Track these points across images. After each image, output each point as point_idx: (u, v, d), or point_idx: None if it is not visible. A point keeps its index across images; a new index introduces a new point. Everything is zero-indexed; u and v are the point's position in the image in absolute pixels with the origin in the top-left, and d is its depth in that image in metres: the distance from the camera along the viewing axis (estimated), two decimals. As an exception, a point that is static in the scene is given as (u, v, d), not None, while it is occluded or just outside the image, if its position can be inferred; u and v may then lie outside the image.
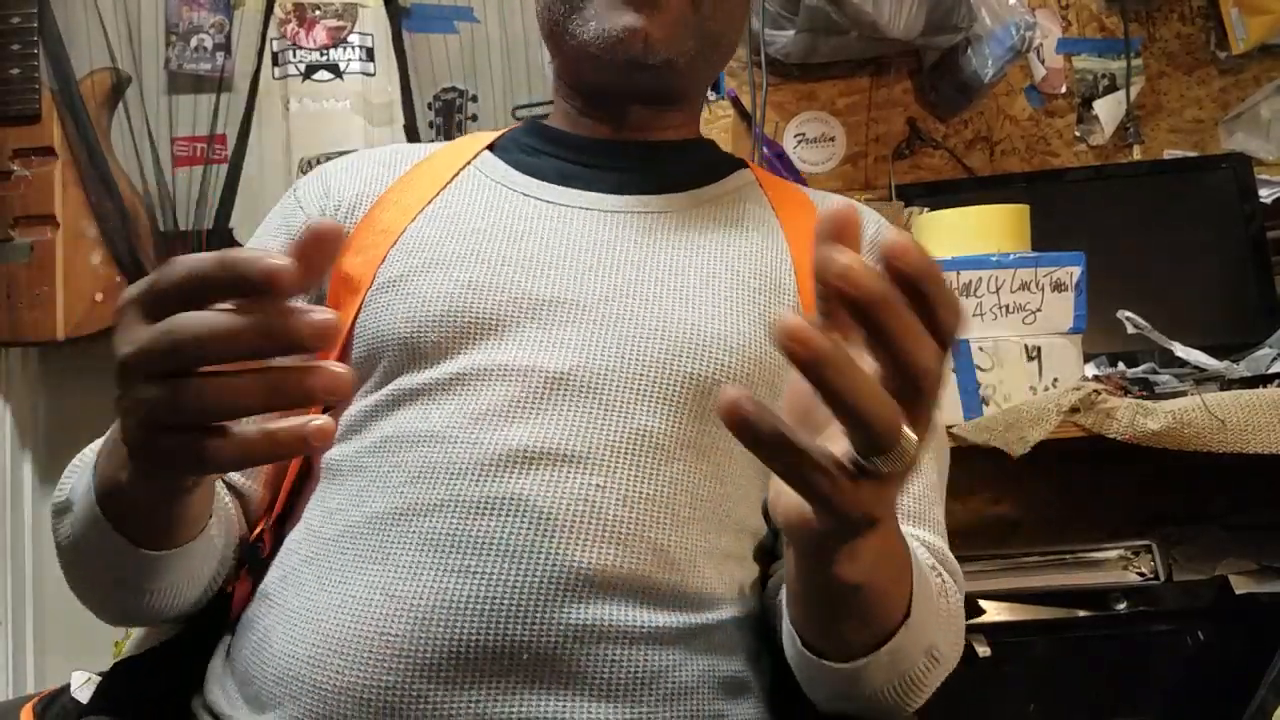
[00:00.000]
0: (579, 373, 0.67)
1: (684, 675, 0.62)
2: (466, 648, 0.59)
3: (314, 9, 1.73)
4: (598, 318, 0.69)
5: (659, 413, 0.67)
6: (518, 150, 0.82)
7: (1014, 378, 1.22)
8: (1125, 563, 1.33)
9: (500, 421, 0.65)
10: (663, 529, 0.64)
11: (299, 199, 0.80)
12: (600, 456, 0.64)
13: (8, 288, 1.61)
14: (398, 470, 0.65)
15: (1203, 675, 1.30)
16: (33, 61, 1.61)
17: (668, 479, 0.65)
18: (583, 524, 0.62)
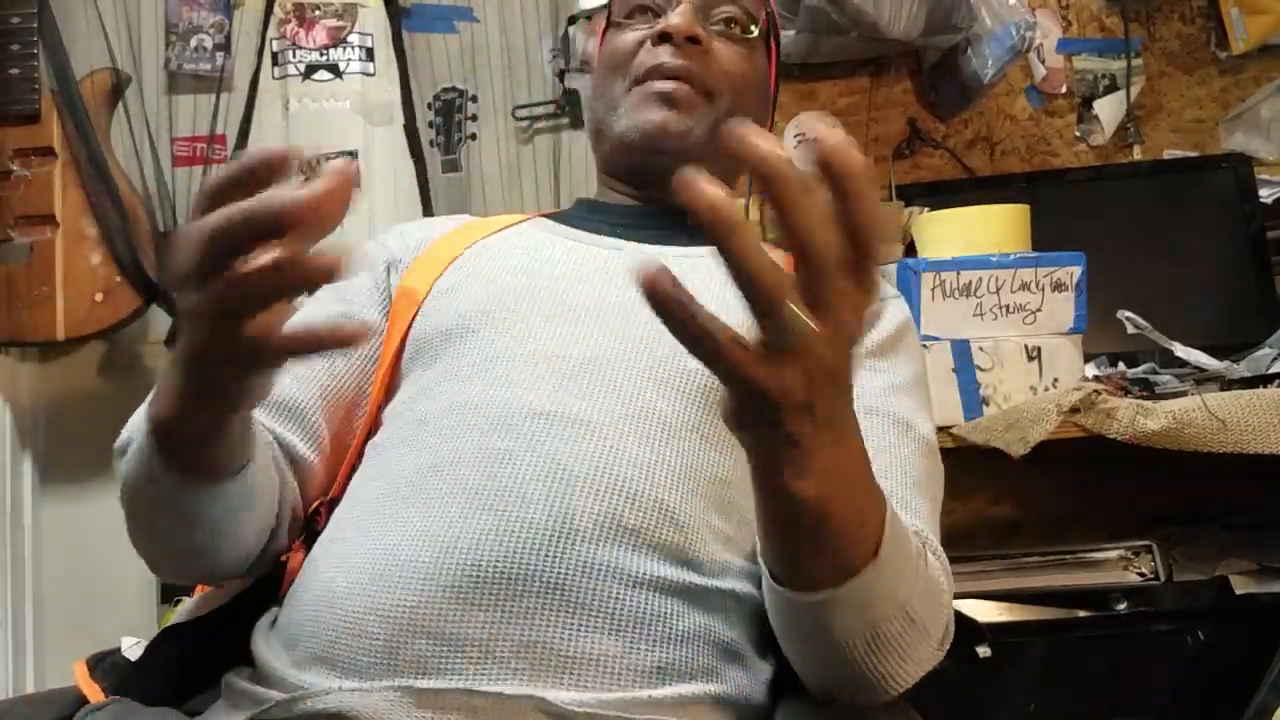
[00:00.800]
0: (599, 359, 0.76)
1: (682, 625, 0.67)
2: (484, 571, 0.65)
3: (314, 9, 1.73)
4: (618, 321, 0.79)
5: (667, 397, 0.75)
6: (569, 217, 0.96)
7: (1014, 378, 1.22)
8: (1125, 563, 1.33)
9: (530, 391, 0.74)
10: (670, 493, 0.70)
11: (381, 239, 0.95)
12: (613, 424, 0.72)
13: (8, 288, 1.61)
14: (434, 434, 0.74)
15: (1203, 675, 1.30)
16: (33, 61, 1.61)
17: (674, 452, 0.72)
18: (596, 478, 0.69)
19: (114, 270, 1.62)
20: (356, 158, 1.76)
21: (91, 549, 1.74)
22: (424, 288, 0.85)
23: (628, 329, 0.78)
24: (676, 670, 0.66)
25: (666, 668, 0.65)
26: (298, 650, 0.68)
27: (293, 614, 0.71)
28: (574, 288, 0.82)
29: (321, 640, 0.66)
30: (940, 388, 1.19)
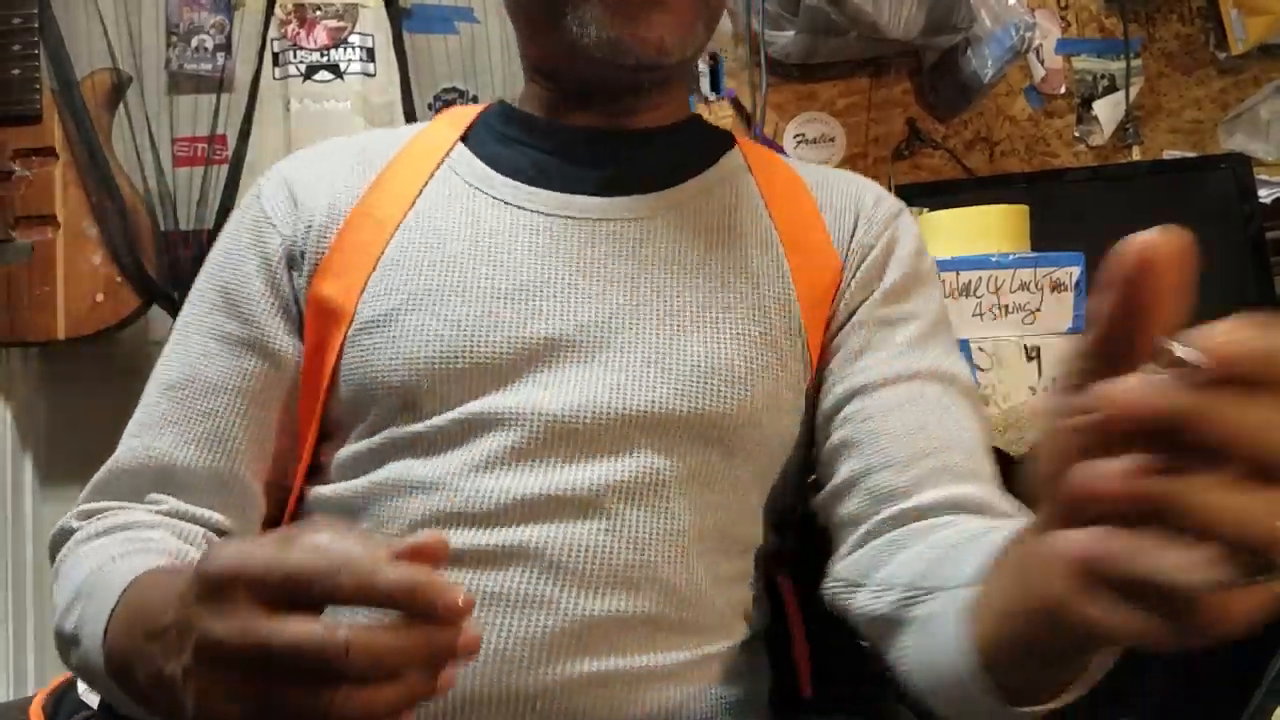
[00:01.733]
0: (579, 415, 0.64)
1: (696, 708, 0.62)
2: (474, 700, 0.59)
3: (314, 9, 1.73)
4: (593, 355, 0.66)
5: (661, 450, 0.65)
6: (492, 140, 0.75)
7: (1014, 378, 1.22)
8: (1125, 562, 1.33)
9: (502, 470, 0.63)
10: (672, 566, 0.64)
11: (268, 213, 0.73)
12: (606, 500, 0.63)
13: (8, 288, 1.61)
14: (398, 517, 0.64)
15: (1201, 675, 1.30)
16: (33, 62, 1.61)
17: (675, 515, 0.65)
18: (592, 572, 0.62)
19: (115, 270, 1.63)
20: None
21: (92, 549, 1.74)
22: (347, 306, 0.68)
23: (607, 362, 0.66)
24: None
25: None
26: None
27: None
28: (536, 306, 0.67)
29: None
30: (940, 388, 1.19)
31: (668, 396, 0.65)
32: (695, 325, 0.68)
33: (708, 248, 0.71)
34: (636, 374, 0.66)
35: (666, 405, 0.65)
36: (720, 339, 0.68)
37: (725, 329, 0.68)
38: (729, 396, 0.66)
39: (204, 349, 0.70)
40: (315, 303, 0.69)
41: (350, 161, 0.74)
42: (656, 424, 0.65)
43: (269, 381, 0.70)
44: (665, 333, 0.67)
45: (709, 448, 0.66)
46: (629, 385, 0.65)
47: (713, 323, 0.68)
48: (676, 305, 0.68)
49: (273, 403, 0.70)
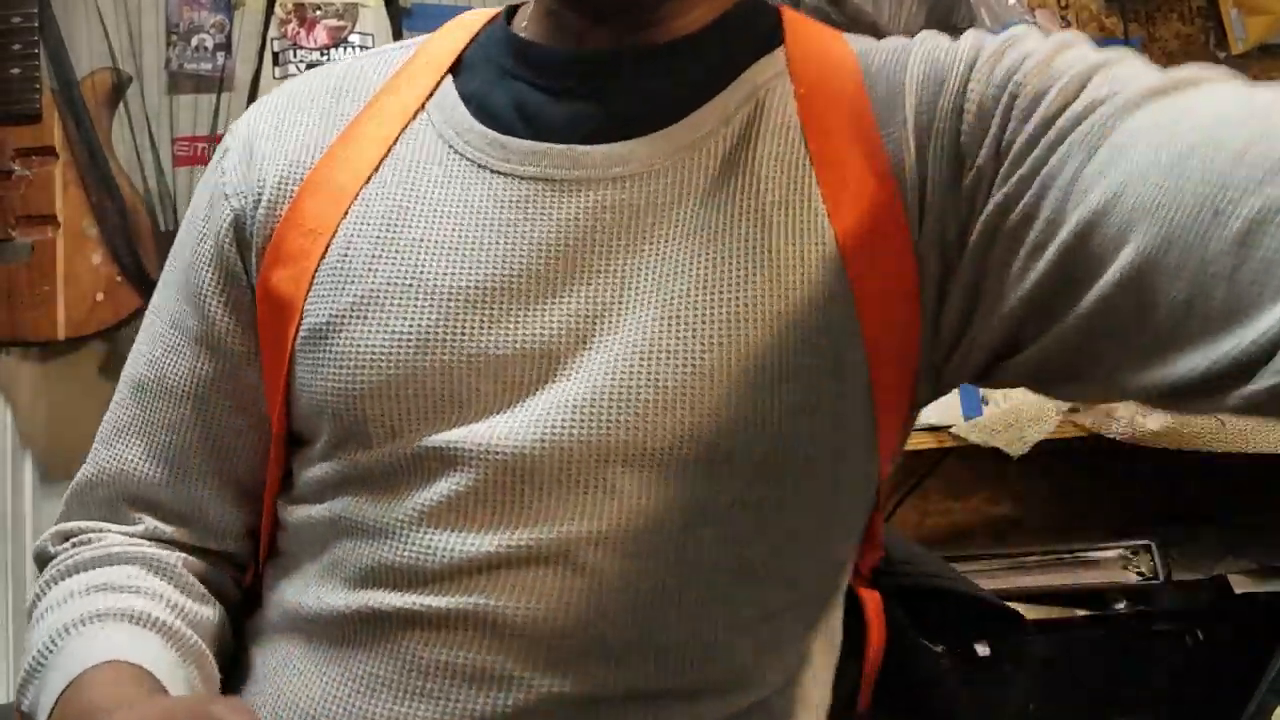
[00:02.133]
0: (544, 451, 0.51)
1: None
2: None
3: (314, 9, 1.73)
4: (568, 369, 0.52)
5: (654, 485, 0.51)
6: (487, 71, 0.60)
7: (1013, 377, 1.22)
8: (1124, 562, 1.33)
9: (454, 521, 0.52)
10: (670, 630, 0.52)
11: (225, 177, 0.62)
12: (582, 553, 0.51)
13: (8, 287, 1.61)
14: (351, 562, 0.55)
15: (1202, 675, 1.30)
16: (33, 61, 1.61)
17: (674, 563, 0.52)
18: (564, 639, 0.51)
19: (115, 270, 1.63)
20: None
21: (92, 548, 1.74)
22: (295, 304, 0.57)
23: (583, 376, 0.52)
24: None
25: None
26: None
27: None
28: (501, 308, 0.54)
29: None
30: (940, 387, 1.20)
31: (655, 413, 0.51)
32: (697, 317, 0.52)
33: (724, 210, 0.54)
34: (616, 387, 0.51)
35: (654, 425, 0.51)
36: (728, 333, 0.52)
37: (737, 319, 0.52)
38: (738, 406, 0.51)
39: (166, 342, 0.62)
40: (265, 294, 0.58)
41: (324, 104, 0.61)
42: (640, 454, 0.51)
43: (230, 385, 0.61)
44: (655, 330, 0.52)
45: (719, 477, 0.52)
46: (607, 403, 0.51)
47: (720, 311, 0.52)
48: (673, 290, 0.53)
49: (238, 406, 0.61)
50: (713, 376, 0.51)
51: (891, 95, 0.54)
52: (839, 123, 0.55)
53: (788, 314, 0.52)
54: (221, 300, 0.60)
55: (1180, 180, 0.41)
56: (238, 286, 0.60)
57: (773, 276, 0.52)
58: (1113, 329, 0.45)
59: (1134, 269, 0.43)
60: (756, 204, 0.54)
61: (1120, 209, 0.43)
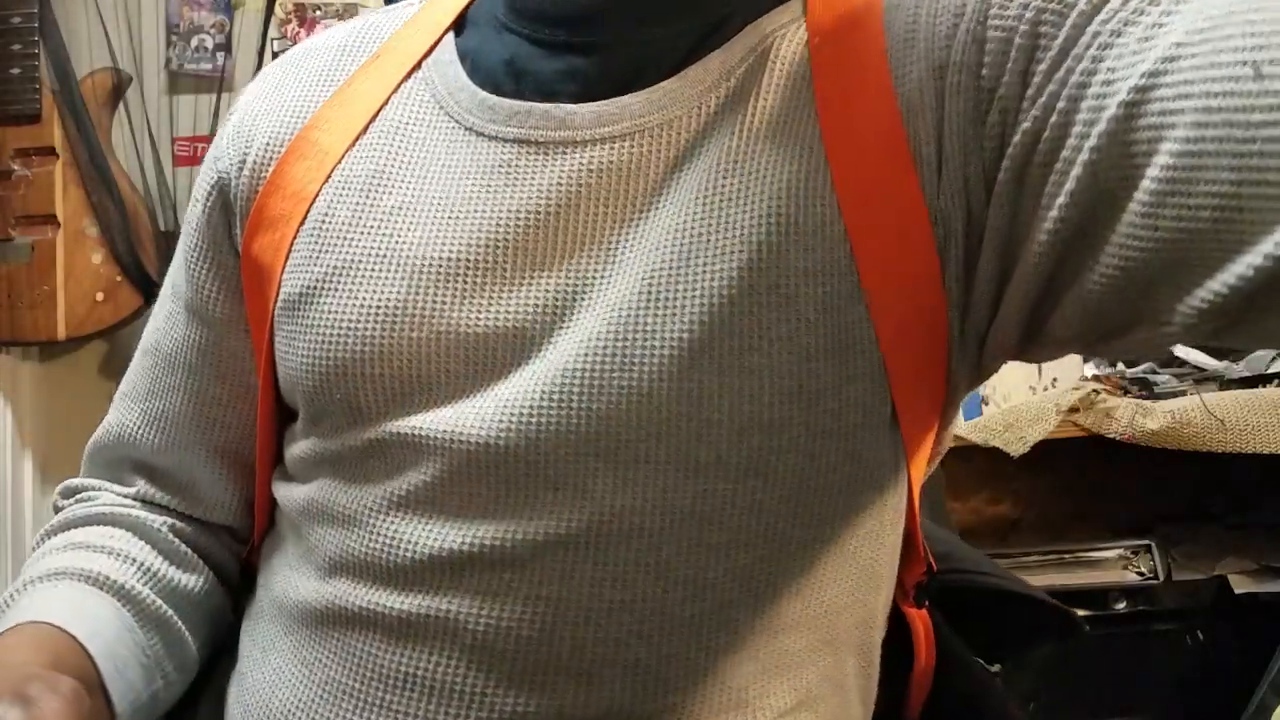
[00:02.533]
0: (513, 441, 0.46)
1: None
2: None
3: (314, 9, 1.73)
4: (543, 351, 0.48)
5: (633, 482, 0.46)
6: (487, 27, 0.56)
7: (1013, 378, 1.22)
8: (1125, 562, 1.33)
9: (419, 513, 0.49)
10: (649, 644, 0.46)
11: (221, 146, 0.59)
12: (550, 558, 0.46)
13: (8, 287, 1.61)
14: (320, 549, 0.52)
15: (1202, 675, 1.30)
16: (33, 61, 1.61)
17: (654, 573, 0.46)
18: (529, 655, 0.46)
19: (115, 270, 1.63)
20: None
21: (92, 548, 1.74)
22: (275, 270, 0.54)
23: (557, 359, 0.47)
24: None
25: None
26: None
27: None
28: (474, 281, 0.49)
29: None
30: (940, 387, 1.20)
31: (634, 400, 0.46)
32: (687, 290, 0.46)
33: (720, 170, 0.48)
34: (592, 371, 0.46)
35: (633, 412, 0.46)
36: (716, 308, 0.46)
37: (725, 293, 0.46)
38: (729, 391, 0.45)
39: (167, 309, 0.63)
40: (248, 261, 0.56)
41: (326, 61, 0.59)
42: (617, 445, 0.46)
43: (217, 353, 0.60)
44: (638, 305, 0.46)
45: (707, 473, 0.46)
46: (581, 389, 0.46)
47: (708, 285, 0.46)
48: (661, 261, 0.47)
49: (227, 374, 0.60)
50: (696, 359, 0.45)
51: (910, 32, 0.47)
52: (853, 77, 0.48)
53: (787, 288, 0.46)
54: (207, 266, 0.58)
55: (1216, 49, 0.36)
56: (222, 252, 0.58)
57: (770, 249, 0.46)
58: (1161, 241, 0.38)
59: (1176, 160, 0.37)
60: (757, 164, 0.48)
61: (1155, 95, 0.38)
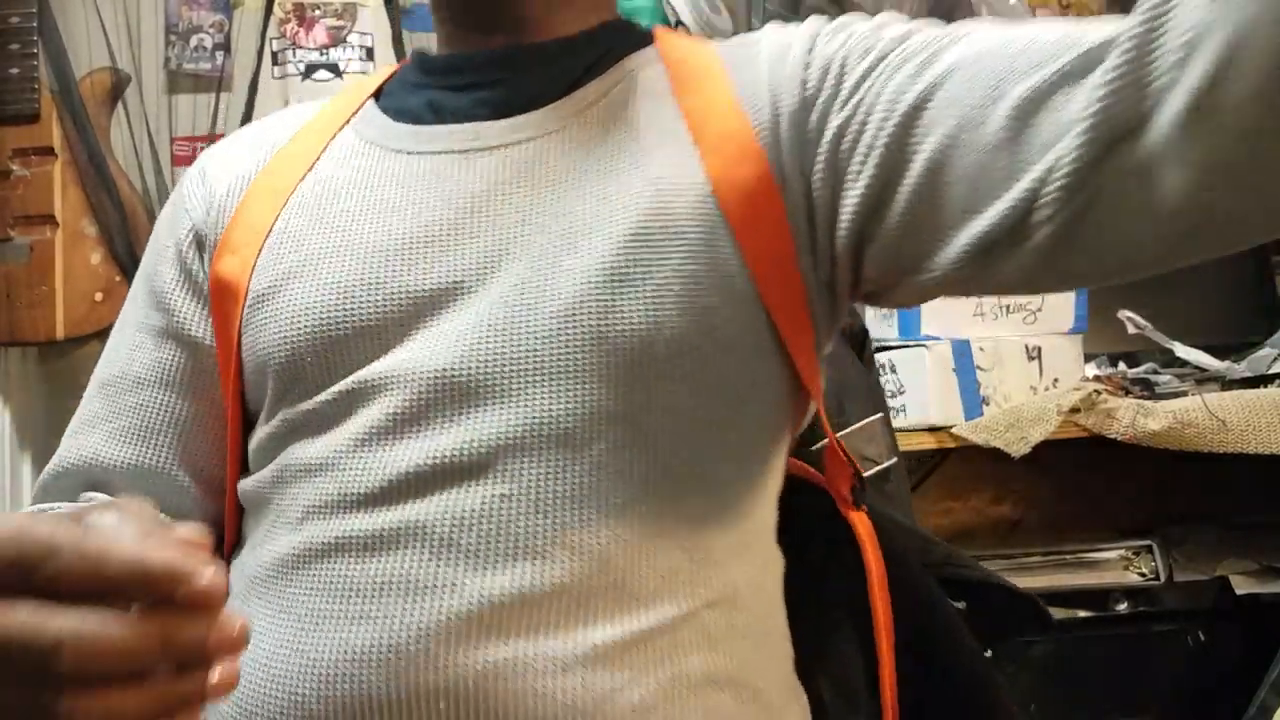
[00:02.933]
0: (462, 367, 0.56)
1: (640, 691, 0.54)
2: (373, 702, 0.53)
3: (314, 8, 1.73)
4: (480, 295, 0.58)
5: (565, 391, 0.56)
6: (401, 91, 0.70)
7: (1014, 378, 1.22)
8: (1126, 563, 1.33)
9: (385, 441, 0.57)
10: (591, 526, 0.55)
11: (184, 199, 0.70)
12: (501, 461, 0.55)
13: (7, 288, 1.61)
14: (294, 504, 0.59)
15: (1203, 675, 1.30)
16: (32, 61, 1.61)
17: (588, 467, 0.55)
18: (489, 545, 0.54)
19: (114, 270, 1.62)
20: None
21: (91, 549, 1.74)
22: (240, 284, 0.64)
23: (496, 300, 0.58)
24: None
25: None
26: None
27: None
28: (420, 255, 0.60)
29: None
30: (941, 388, 1.19)
31: (561, 323, 0.56)
32: (597, 236, 0.58)
33: (609, 154, 0.62)
34: (525, 305, 0.57)
35: (560, 334, 0.56)
36: (625, 248, 0.57)
37: (636, 235, 0.58)
38: (641, 312, 0.56)
39: (133, 343, 0.69)
40: (215, 283, 0.65)
41: (256, 138, 0.72)
42: (551, 360, 0.56)
43: (192, 371, 0.67)
44: (557, 253, 0.58)
45: (624, 379, 0.56)
46: (517, 321, 0.56)
47: (616, 231, 0.58)
48: (571, 222, 0.59)
49: (200, 392, 0.67)
50: (606, 284, 0.57)
51: (753, 72, 0.62)
52: (707, 93, 0.63)
53: (672, 228, 0.58)
54: (183, 292, 0.68)
55: (974, 74, 0.52)
56: (195, 281, 0.68)
57: (656, 200, 0.59)
58: (928, 209, 0.55)
59: (938, 152, 0.53)
60: (638, 147, 0.62)
61: (929, 107, 0.54)
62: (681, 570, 0.57)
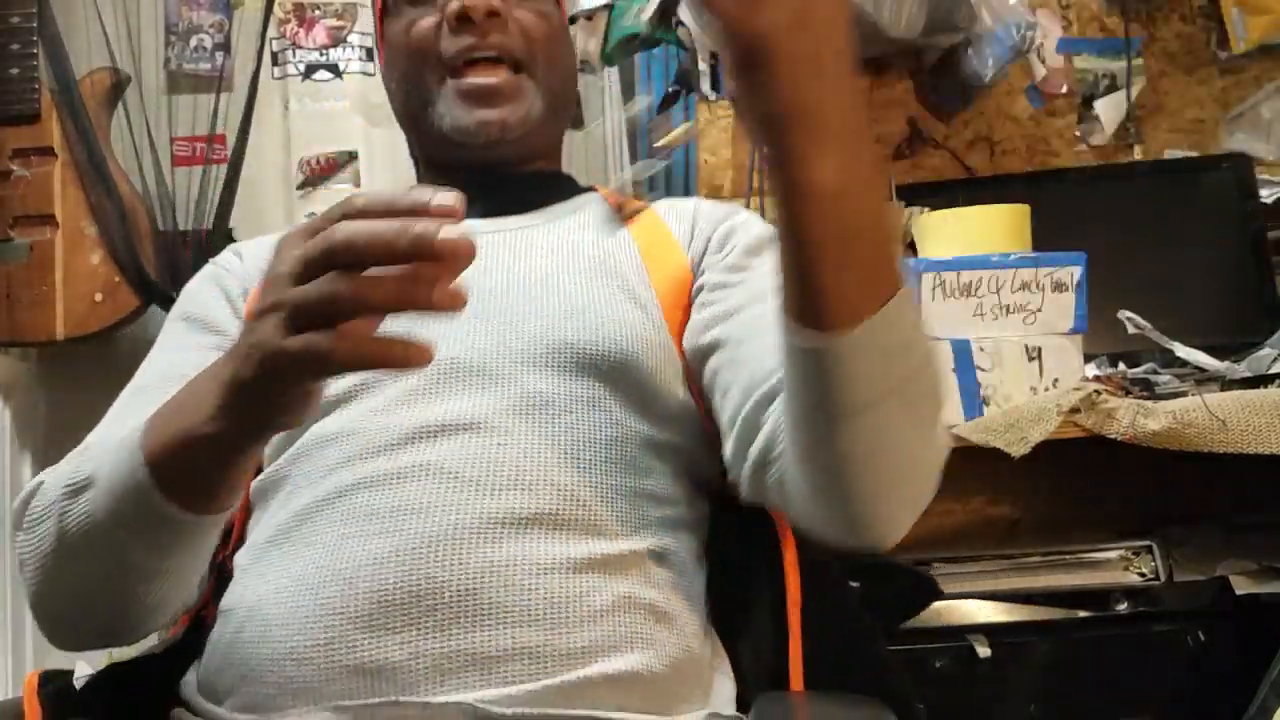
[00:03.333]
0: (467, 355, 0.75)
1: (599, 599, 0.67)
2: (390, 596, 0.65)
3: (313, 9, 1.73)
4: (479, 312, 0.76)
5: (544, 376, 0.75)
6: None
7: (1014, 378, 1.22)
8: (1125, 563, 1.33)
9: (402, 408, 0.73)
10: (565, 471, 0.72)
11: (223, 266, 0.88)
12: (498, 420, 0.72)
13: (8, 287, 1.61)
14: (315, 468, 0.72)
15: (1203, 675, 1.30)
16: (32, 61, 1.61)
17: (562, 429, 0.73)
18: (489, 476, 0.69)
19: (114, 270, 1.63)
20: (356, 158, 1.76)
21: (91, 549, 1.74)
22: None
23: (492, 316, 0.77)
24: (603, 646, 0.66)
25: (592, 646, 0.66)
26: (226, 703, 0.68)
27: (213, 666, 0.70)
28: None
29: (246, 691, 0.66)
30: (940, 388, 1.19)
31: (542, 331, 0.77)
32: (565, 283, 0.81)
33: (573, 239, 0.86)
34: (515, 319, 0.77)
35: (542, 338, 0.76)
36: (586, 291, 0.80)
37: (591, 285, 0.81)
38: (596, 328, 0.77)
39: (171, 359, 0.79)
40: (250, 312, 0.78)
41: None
42: (535, 355, 0.75)
43: None
44: (537, 291, 0.80)
45: (588, 374, 0.76)
46: (509, 329, 0.77)
47: (579, 280, 0.81)
48: (547, 274, 0.82)
49: None
50: (575, 310, 0.78)
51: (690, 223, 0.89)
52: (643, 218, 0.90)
53: (617, 281, 0.82)
54: (226, 312, 0.83)
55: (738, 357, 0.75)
56: (235, 308, 0.84)
57: (606, 264, 0.83)
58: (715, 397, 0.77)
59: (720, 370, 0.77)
60: (598, 239, 0.86)
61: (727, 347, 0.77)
62: (630, 519, 0.73)
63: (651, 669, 0.67)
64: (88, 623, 0.70)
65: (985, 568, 1.32)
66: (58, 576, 0.67)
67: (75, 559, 0.66)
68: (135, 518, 0.62)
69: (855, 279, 0.55)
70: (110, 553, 0.64)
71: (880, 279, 0.55)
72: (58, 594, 0.68)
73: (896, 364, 0.58)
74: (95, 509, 0.63)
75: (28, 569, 0.68)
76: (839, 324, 0.55)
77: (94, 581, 0.67)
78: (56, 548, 0.66)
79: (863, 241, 0.54)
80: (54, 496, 0.66)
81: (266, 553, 0.71)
